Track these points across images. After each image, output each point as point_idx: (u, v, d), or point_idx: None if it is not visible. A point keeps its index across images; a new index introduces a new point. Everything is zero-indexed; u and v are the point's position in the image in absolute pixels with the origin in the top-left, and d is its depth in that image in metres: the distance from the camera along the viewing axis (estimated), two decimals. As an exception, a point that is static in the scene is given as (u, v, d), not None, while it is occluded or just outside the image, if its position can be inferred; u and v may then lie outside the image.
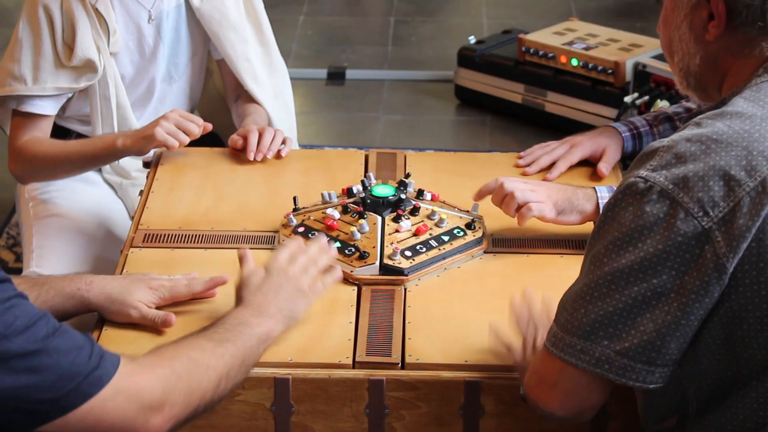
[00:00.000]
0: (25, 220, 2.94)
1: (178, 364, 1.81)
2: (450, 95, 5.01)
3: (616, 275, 1.62)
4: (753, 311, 1.60)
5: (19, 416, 1.66)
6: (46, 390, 1.64)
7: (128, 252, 2.39)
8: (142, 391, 1.74)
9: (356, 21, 5.95)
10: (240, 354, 1.91)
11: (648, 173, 1.60)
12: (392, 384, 2.03)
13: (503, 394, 2.03)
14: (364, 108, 4.97)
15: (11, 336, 1.61)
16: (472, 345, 2.08)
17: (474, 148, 4.59)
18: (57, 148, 2.82)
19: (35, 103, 2.81)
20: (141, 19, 2.87)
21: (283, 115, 3.10)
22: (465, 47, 4.93)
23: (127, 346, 2.09)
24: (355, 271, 2.28)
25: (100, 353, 1.71)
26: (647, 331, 1.60)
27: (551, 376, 1.72)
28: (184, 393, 1.79)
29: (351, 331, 2.13)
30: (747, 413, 1.65)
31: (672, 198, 1.58)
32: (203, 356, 1.85)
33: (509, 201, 2.33)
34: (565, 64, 4.60)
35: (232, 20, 2.96)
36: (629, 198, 1.62)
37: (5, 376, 1.61)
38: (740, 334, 1.62)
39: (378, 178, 2.59)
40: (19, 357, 1.61)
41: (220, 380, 1.86)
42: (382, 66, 5.35)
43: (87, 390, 1.68)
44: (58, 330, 1.67)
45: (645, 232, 1.59)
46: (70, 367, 1.66)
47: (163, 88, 2.99)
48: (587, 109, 4.53)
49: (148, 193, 2.61)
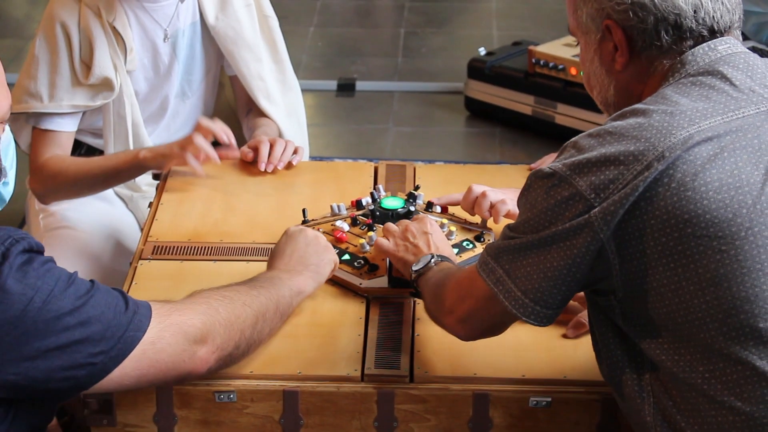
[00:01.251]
0: (35, 231, 2.95)
1: (214, 301, 1.94)
2: (460, 107, 5.01)
3: (522, 227, 1.81)
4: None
5: (81, 372, 1.76)
6: (98, 341, 1.75)
7: (137, 264, 2.39)
8: (184, 325, 1.86)
9: (366, 32, 5.96)
10: (274, 298, 2.04)
11: (553, 163, 1.77)
12: (401, 397, 2.03)
13: (512, 407, 2.03)
14: (373, 119, 4.98)
15: (58, 294, 1.72)
16: (481, 357, 2.08)
17: (484, 159, 4.59)
18: (78, 165, 2.83)
19: (53, 120, 2.82)
20: (157, 37, 2.88)
21: (296, 131, 3.10)
22: (475, 59, 4.93)
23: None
24: (364, 284, 2.27)
25: (134, 301, 1.83)
26: (531, 267, 1.78)
27: (465, 288, 1.90)
28: (224, 325, 1.92)
29: (360, 344, 2.13)
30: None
31: (569, 181, 1.73)
32: (238, 295, 1.98)
33: (481, 200, 2.41)
34: (575, 75, 4.59)
35: (247, 39, 2.96)
36: (536, 182, 1.78)
37: (61, 334, 1.72)
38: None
39: (387, 190, 2.59)
40: (69, 313, 1.73)
41: (257, 318, 1.99)
42: (392, 77, 5.35)
43: (134, 334, 1.80)
44: (94, 285, 1.79)
45: (548, 209, 1.76)
46: (114, 315, 1.78)
47: (176, 104, 3.00)
48: (597, 120, 4.53)
49: (157, 206, 2.62)
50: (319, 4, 6.16)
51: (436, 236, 2.22)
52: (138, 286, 2.31)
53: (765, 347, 1.71)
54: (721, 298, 1.70)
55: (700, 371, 1.73)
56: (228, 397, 2.03)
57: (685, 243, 1.70)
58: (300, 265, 2.17)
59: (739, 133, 1.73)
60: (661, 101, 1.77)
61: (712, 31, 1.83)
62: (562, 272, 1.76)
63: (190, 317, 1.88)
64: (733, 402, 1.71)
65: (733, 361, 1.71)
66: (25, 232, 1.80)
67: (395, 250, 2.22)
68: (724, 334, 1.71)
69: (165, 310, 1.87)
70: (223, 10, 2.93)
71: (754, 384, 1.71)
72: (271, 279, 2.10)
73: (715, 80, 1.78)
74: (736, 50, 1.83)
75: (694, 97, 1.76)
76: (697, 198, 1.69)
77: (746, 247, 1.70)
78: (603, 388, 2.00)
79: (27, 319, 1.70)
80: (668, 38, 1.82)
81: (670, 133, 1.71)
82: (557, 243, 1.75)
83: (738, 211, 1.69)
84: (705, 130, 1.72)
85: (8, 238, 1.74)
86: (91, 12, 2.76)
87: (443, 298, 1.96)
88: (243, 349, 1.98)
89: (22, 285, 1.70)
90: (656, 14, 1.80)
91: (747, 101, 1.77)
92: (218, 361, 1.93)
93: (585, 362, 2.07)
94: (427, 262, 2.11)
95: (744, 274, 1.70)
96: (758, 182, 1.71)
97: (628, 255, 1.73)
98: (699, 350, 1.73)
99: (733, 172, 1.71)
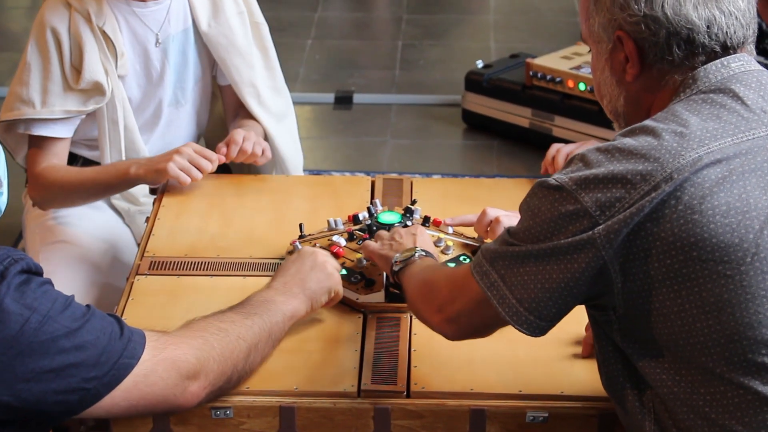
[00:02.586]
0: (32, 246, 2.94)
1: (209, 335, 1.93)
2: (457, 119, 5.01)
3: (522, 234, 1.79)
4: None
5: (73, 397, 1.76)
6: (92, 366, 1.75)
7: (134, 279, 2.38)
8: (178, 360, 1.86)
9: (364, 45, 5.97)
10: (267, 327, 2.04)
11: (559, 175, 1.76)
12: (398, 412, 2.03)
13: (508, 422, 2.02)
14: (371, 132, 4.98)
15: (55, 316, 1.72)
16: (478, 373, 2.08)
17: (481, 172, 4.59)
18: (72, 176, 2.83)
19: (47, 126, 2.81)
20: (148, 42, 2.87)
21: (287, 138, 3.10)
22: (472, 71, 4.93)
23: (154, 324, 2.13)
24: (361, 299, 2.27)
25: (129, 328, 1.83)
26: (528, 276, 1.76)
27: (457, 288, 1.89)
28: (217, 361, 1.92)
29: (356, 360, 2.12)
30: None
31: (574, 196, 1.72)
32: (233, 327, 1.97)
33: (495, 226, 2.38)
34: (572, 88, 4.60)
35: (240, 46, 2.96)
36: (541, 192, 1.77)
37: (56, 357, 1.72)
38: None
39: (384, 204, 2.59)
40: (65, 336, 1.72)
41: (250, 350, 1.99)
42: (389, 90, 5.35)
43: (128, 362, 1.80)
44: (90, 309, 1.79)
45: (551, 221, 1.74)
46: (109, 341, 1.78)
47: (170, 112, 2.99)
48: (595, 133, 4.52)
49: (154, 220, 2.61)
50: (316, 17, 6.17)
51: (422, 237, 2.22)
52: (135, 301, 2.31)
53: (767, 373, 1.70)
54: (724, 323, 1.69)
55: (701, 393, 1.72)
56: (225, 413, 2.02)
57: (690, 266, 1.69)
58: (298, 287, 2.16)
59: (749, 155, 1.72)
60: (671, 119, 1.75)
61: (725, 47, 1.81)
62: (560, 286, 1.75)
63: (185, 352, 1.89)
64: (734, 426, 1.71)
65: (735, 386, 1.70)
66: (23, 252, 1.80)
67: (379, 248, 2.23)
68: (726, 359, 1.70)
69: (161, 343, 1.87)
70: (216, 17, 2.93)
71: (756, 409, 1.70)
72: (266, 304, 2.09)
73: (727, 99, 1.77)
74: (750, 68, 1.81)
75: (705, 116, 1.74)
76: (704, 221, 1.68)
77: (751, 273, 1.68)
78: (600, 404, 2.00)
79: (23, 339, 1.70)
80: (680, 53, 1.80)
81: (680, 154, 1.70)
82: (557, 257, 1.73)
83: (745, 236, 1.68)
84: (714, 152, 1.70)
85: (7, 258, 1.74)
86: (81, 17, 2.77)
87: (432, 297, 1.95)
88: (234, 381, 1.99)
89: (19, 305, 1.71)
90: (668, 28, 1.78)
91: (758, 122, 1.75)
92: (208, 396, 1.94)
93: (582, 377, 2.07)
94: (410, 255, 2.11)
95: (748, 300, 1.68)
96: (766, 207, 1.70)
97: (631, 275, 1.72)
98: (700, 373, 1.72)
99: (741, 196, 1.69)
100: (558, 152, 2.66)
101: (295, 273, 2.18)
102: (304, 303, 2.15)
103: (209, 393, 1.93)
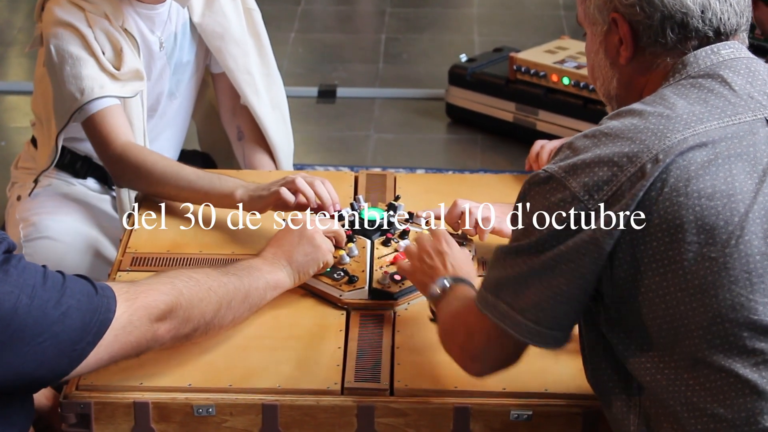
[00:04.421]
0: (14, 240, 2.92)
1: (179, 281, 1.99)
2: (441, 114, 5.00)
3: (520, 249, 1.78)
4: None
5: (63, 360, 1.81)
6: (78, 329, 1.81)
7: (116, 275, 2.37)
8: (149, 306, 1.92)
9: (347, 38, 5.95)
10: (244, 289, 2.09)
11: (549, 166, 1.77)
12: (381, 410, 2.02)
13: (492, 420, 2.02)
14: (355, 126, 4.97)
15: (40, 288, 1.76)
16: (462, 370, 2.06)
17: (465, 167, 4.58)
18: (166, 165, 2.65)
19: (106, 100, 2.71)
20: (153, 43, 2.88)
21: (280, 126, 3.11)
22: (456, 65, 4.92)
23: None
24: (344, 296, 2.26)
25: (99, 284, 1.87)
26: (537, 295, 1.76)
27: (471, 325, 1.87)
28: (184, 307, 1.97)
29: (340, 357, 2.12)
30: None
31: (563, 183, 1.73)
32: (206, 279, 2.03)
33: (465, 217, 2.40)
34: (556, 82, 4.59)
35: (234, 34, 2.96)
36: (532, 189, 1.78)
37: (49, 327, 1.77)
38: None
39: (367, 200, 2.58)
40: (54, 306, 1.78)
41: (221, 305, 2.04)
42: (373, 84, 5.34)
43: (106, 316, 1.85)
44: (64, 274, 1.83)
45: (545, 215, 1.75)
46: (89, 301, 1.83)
47: (165, 104, 2.99)
48: (579, 127, 4.52)
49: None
50: (300, 10, 6.15)
51: (453, 254, 2.14)
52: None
53: (748, 356, 1.71)
54: (707, 306, 1.70)
55: (685, 378, 1.73)
56: (207, 410, 2.01)
57: (675, 249, 1.70)
58: (285, 259, 2.21)
59: (735, 139, 1.73)
60: (658, 102, 1.77)
61: (717, 32, 1.83)
62: (572, 293, 1.76)
63: (155, 298, 1.94)
64: (716, 409, 1.71)
65: (717, 369, 1.71)
66: (3, 232, 1.82)
67: (412, 273, 2.19)
68: (708, 341, 1.71)
69: (132, 294, 1.92)
70: (210, 6, 2.93)
71: (737, 391, 1.71)
72: (249, 269, 2.15)
73: (715, 84, 1.78)
74: (740, 55, 1.83)
75: (692, 100, 1.76)
76: (689, 204, 1.69)
77: (735, 255, 1.69)
78: (584, 401, 2.00)
79: (17, 317, 1.74)
80: (673, 36, 1.82)
81: (665, 135, 1.72)
82: (561, 266, 1.74)
83: (730, 219, 1.69)
84: (700, 134, 1.72)
85: None
86: (98, 17, 2.74)
87: (453, 335, 1.94)
88: (201, 331, 2.04)
89: (7, 285, 1.74)
90: (663, 11, 1.81)
91: (745, 107, 1.77)
92: (173, 339, 1.99)
93: (566, 375, 2.06)
94: (441, 288, 2.06)
95: (731, 282, 1.70)
96: (751, 191, 1.71)
97: (618, 260, 1.73)
98: (683, 358, 1.73)
99: (727, 180, 1.71)
100: (542, 149, 2.66)
101: (282, 244, 2.23)
102: (290, 275, 2.21)
103: (173, 336, 1.99)
